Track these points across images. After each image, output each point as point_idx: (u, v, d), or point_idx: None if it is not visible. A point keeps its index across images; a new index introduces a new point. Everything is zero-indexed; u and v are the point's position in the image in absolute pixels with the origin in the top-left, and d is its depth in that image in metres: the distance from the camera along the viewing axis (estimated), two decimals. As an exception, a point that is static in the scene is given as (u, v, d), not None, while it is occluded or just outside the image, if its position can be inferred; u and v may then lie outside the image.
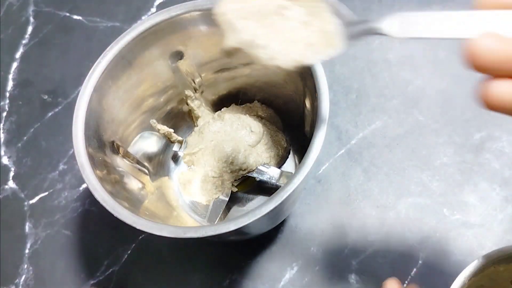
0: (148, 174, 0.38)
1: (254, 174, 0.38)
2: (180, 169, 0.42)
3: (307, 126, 0.37)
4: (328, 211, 0.40)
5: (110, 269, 0.41)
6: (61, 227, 0.43)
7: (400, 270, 0.37)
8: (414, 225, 0.39)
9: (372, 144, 0.42)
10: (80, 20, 0.54)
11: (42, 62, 0.52)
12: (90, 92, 0.31)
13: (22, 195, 0.45)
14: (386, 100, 0.44)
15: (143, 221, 0.27)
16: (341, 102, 0.45)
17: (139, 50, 0.34)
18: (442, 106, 0.43)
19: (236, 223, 0.26)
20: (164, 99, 0.39)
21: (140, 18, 0.53)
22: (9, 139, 0.48)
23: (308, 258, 0.39)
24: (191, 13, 0.33)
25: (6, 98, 0.50)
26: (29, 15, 0.55)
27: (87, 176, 0.29)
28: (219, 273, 0.39)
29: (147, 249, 0.41)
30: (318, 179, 0.42)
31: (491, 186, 0.40)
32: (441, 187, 0.40)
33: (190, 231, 0.26)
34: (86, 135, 0.30)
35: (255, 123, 0.39)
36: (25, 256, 0.42)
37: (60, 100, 0.49)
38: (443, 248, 0.38)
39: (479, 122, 0.42)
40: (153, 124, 0.39)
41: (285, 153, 0.40)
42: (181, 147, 0.41)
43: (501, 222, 0.38)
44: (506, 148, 0.41)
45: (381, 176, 0.41)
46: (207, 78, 0.39)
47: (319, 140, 0.27)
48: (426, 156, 0.41)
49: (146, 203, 0.34)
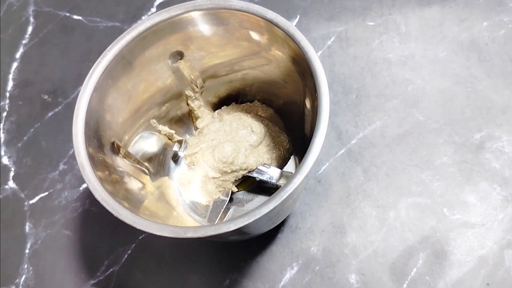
0: (148, 174, 0.38)
1: (254, 174, 0.38)
2: (180, 169, 0.42)
3: (307, 126, 0.37)
4: (328, 211, 0.40)
5: (110, 269, 0.41)
6: (61, 227, 0.43)
7: (400, 270, 0.38)
8: (414, 225, 0.39)
9: (372, 144, 0.42)
10: (80, 20, 0.54)
11: (42, 62, 0.52)
12: (90, 92, 0.31)
13: (22, 195, 0.45)
14: (386, 100, 0.44)
15: (143, 221, 0.27)
16: (341, 102, 0.45)
17: (139, 50, 0.34)
18: (442, 106, 0.43)
19: (236, 223, 0.26)
20: (164, 99, 0.39)
21: (140, 18, 0.53)
22: (9, 139, 0.48)
23: (308, 258, 0.39)
24: (191, 13, 0.33)
25: (6, 98, 0.50)
26: (29, 15, 0.55)
27: (87, 176, 0.29)
28: (219, 273, 0.39)
29: (147, 249, 0.41)
30: (318, 179, 0.42)
31: (491, 186, 0.40)
32: (441, 187, 0.40)
33: (190, 231, 0.26)
34: (86, 135, 0.30)
35: (257, 123, 0.39)
36: (25, 256, 0.42)
37: (60, 100, 0.49)
38: (443, 248, 0.38)
39: (479, 122, 0.42)
40: (153, 124, 0.39)
41: (287, 154, 0.40)
42: (181, 147, 0.41)
43: (501, 222, 0.38)
44: (506, 148, 0.41)
45: (381, 176, 0.41)
46: (207, 79, 0.39)
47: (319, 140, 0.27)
48: (426, 156, 0.41)
49: (146, 203, 0.34)
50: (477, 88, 0.44)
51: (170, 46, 0.35)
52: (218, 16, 0.33)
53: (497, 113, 0.42)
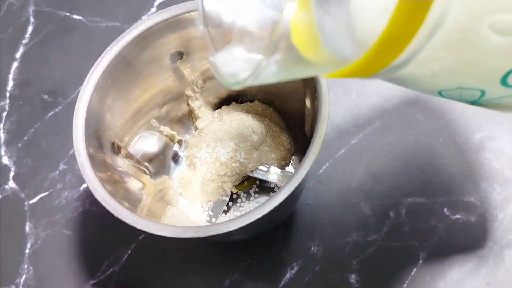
0: (148, 174, 0.38)
1: (254, 174, 0.38)
2: (180, 169, 0.42)
3: (307, 126, 0.37)
4: (328, 211, 0.40)
5: (110, 269, 0.41)
6: (61, 227, 0.43)
7: (400, 270, 0.38)
8: (414, 225, 0.39)
9: (372, 144, 0.42)
10: (80, 20, 0.54)
11: (42, 62, 0.52)
12: (90, 92, 0.31)
13: (22, 195, 0.45)
14: (386, 100, 0.44)
15: (143, 221, 0.27)
16: (341, 102, 0.45)
17: (139, 50, 0.34)
18: (442, 106, 0.43)
19: (236, 223, 0.26)
20: (165, 99, 0.39)
21: (140, 18, 0.53)
22: (9, 139, 0.48)
23: (308, 258, 0.39)
24: (191, 13, 0.33)
25: (6, 98, 0.50)
26: (29, 15, 0.55)
27: (87, 176, 0.29)
28: (219, 273, 0.39)
29: (147, 249, 0.41)
30: (318, 179, 0.42)
31: (492, 186, 0.40)
32: (441, 187, 0.40)
33: (190, 231, 0.26)
34: (86, 135, 0.30)
35: (258, 124, 0.39)
36: (25, 256, 0.42)
37: (60, 100, 0.49)
38: (443, 248, 0.38)
39: (479, 122, 0.42)
40: (154, 124, 0.39)
41: (288, 154, 0.40)
42: (181, 147, 0.42)
43: (501, 222, 0.38)
44: (506, 148, 0.41)
45: (381, 176, 0.41)
46: (207, 79, 0.39)
47: (319, 140, 0.27)
48: (426, 155, 0.41)
49: (146, 203, 0.34)
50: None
51: (170, 46, 0.35)
52: (218, 16, 0.32)
53: (497, 113, 0.42)
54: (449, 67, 0.15)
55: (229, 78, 0.19)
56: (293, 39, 0.16)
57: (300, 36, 0.16)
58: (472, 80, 0.16)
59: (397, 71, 0.16)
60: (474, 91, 0.17)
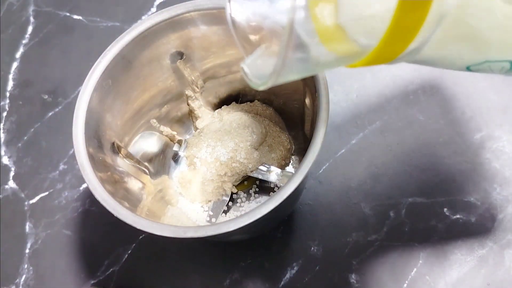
0: (148, 174, 0.38)
1: (254, 174, 0.38)
2: (180, 169, 0.42)
3: (307, 126, 0.37)
4: (328, 211, 0.40)
5: (110, 269, 0.41)
6: (61, 227, 0.43)
7: (400, 270, 0.38)
8: (414, 225, 0.39)
9: (372, 144, 0.42)
10: (80, 20, 0.54)
11: (42, 62, 0.52)
12: (90, 92, 0.31)
13: (22, 195, 0.45)
14: (386, 100, 0.44)
15: (143, 221, 0.27)
16: (341, 102, 0.45)
17: (139, 50, 0.34)
18: (442, 106, 0.43)
19: (236, 223, 0.26)
20: (165, 99, 0.39)
21: (140, 18, 0.53)
22: (9, 139, 0.48)
23: (308, 258, 0.39)
24: (191, 13, 0.33)
25: (6, 98, 0.50)
26: (29, 15, 0.55)
27: (87, 176, 0.29)
28: (219, 273, 0.39)
29: (147, 249, 0.41)
30: (319, 179, 0.42)
31: (492, 186, 0.40)
32: (441, 187, 0.40)
33: (190, 231, 0.26)
34: (86, 135, 0.30)
35: (257, 123, 0.39)
36: (25, 256, 0.42)
37: (60, 100, 0.49)
38: (443, 248, 0.38)
39: (479, 122, 0.42)
40: (154, 124, 0.39)
41: (288, 154, 0.40)
42: (181, 147, 0.42)
43: (501, 222, 0.38)
44: (506, 148, 0.41)
45: (381, 176, 0.41)
46: (207, 79, 0.39)
47: (319, 140, 0.27)
48: (426, 156, 0.41)
49: (146, 203, 0.34)
50: (477, 88, 0.43)
51: (170, 46, 0.35)
52: (219, 16, 0.33)
53: (497, 113, 0.42)
54: (467, 44, 0.16)
55: (256, 79, 0.20)
56: (319, 37, 0.17)
57: (326, 33, 0.17)
58: (496, 53, 0.16)
59: (418, 53, 0.16)
60: (503, 63, 0.17)
